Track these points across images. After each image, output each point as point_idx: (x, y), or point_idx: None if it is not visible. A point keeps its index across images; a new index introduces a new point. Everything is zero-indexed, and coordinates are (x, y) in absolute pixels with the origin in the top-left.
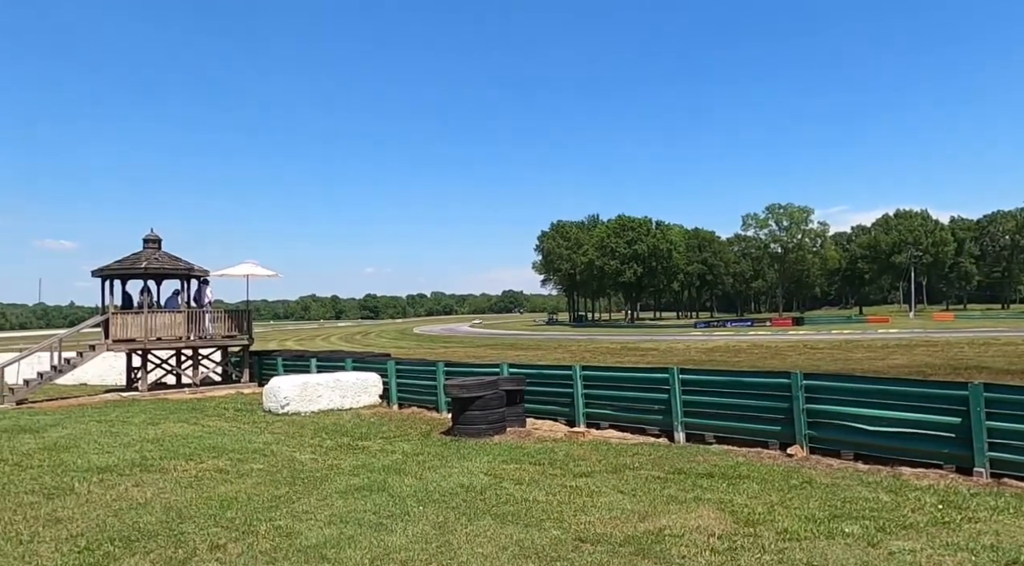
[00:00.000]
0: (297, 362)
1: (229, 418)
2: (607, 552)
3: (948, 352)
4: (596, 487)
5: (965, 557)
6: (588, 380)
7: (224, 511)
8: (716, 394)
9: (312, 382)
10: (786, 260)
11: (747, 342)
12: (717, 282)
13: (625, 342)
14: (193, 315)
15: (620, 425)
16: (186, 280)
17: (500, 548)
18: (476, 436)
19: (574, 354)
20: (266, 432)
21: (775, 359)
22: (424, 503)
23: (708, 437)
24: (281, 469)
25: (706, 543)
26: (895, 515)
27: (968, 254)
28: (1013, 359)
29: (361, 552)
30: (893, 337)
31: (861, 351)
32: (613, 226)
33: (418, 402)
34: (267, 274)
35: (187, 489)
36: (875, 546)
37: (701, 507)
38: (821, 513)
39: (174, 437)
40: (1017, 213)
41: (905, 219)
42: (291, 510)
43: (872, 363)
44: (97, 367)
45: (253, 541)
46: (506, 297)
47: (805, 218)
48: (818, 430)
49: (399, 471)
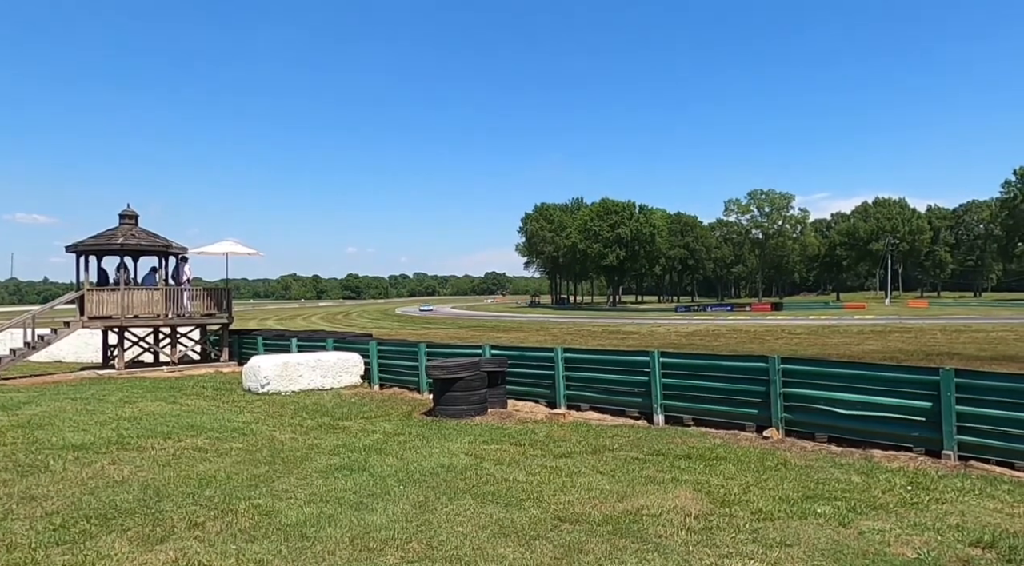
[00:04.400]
0: (278, 341)
1: (208, 397)
2: (585, 531)
3: (921, 338)
4: (576, 468)
5: (932, 537)
6: (569, 362)
7: (203, 490)
8: (695, 377)
9: (293, 362)
10: (767, 246)
11: (727, 326)
12: (698, 267)
13: (607, 325)
14: (171, 293)
15: (600, 407)
16: (164, 257)
17: (480, 527)
18: (457, 417)
19: (556, 336)
20: (246, 411)
21: (754, 343)
22: (405, 483)
23: (687, 419)
24: (261, 448)
25: (682, 523)
26: (866, 496)
27: (943, 243)
28: (983, 346)
29: (341, 531)
30: (868, 323)
31: (837, 336)
32: (597, 209)
33: (399, 383)
34: (247, 252)
35: (165, 467)
36: (846, 526)
37: (678, 488)
38: (795, 494)
39: (152, 415)
40: (991, 203)
41: (883, 207)
42: (271, 489)
43: (848, 348)
44: (72, 344)
45: (232, 519)
46: (489, 279)
47: (786, 204)
48: (794, 413)
49: (380, 451)
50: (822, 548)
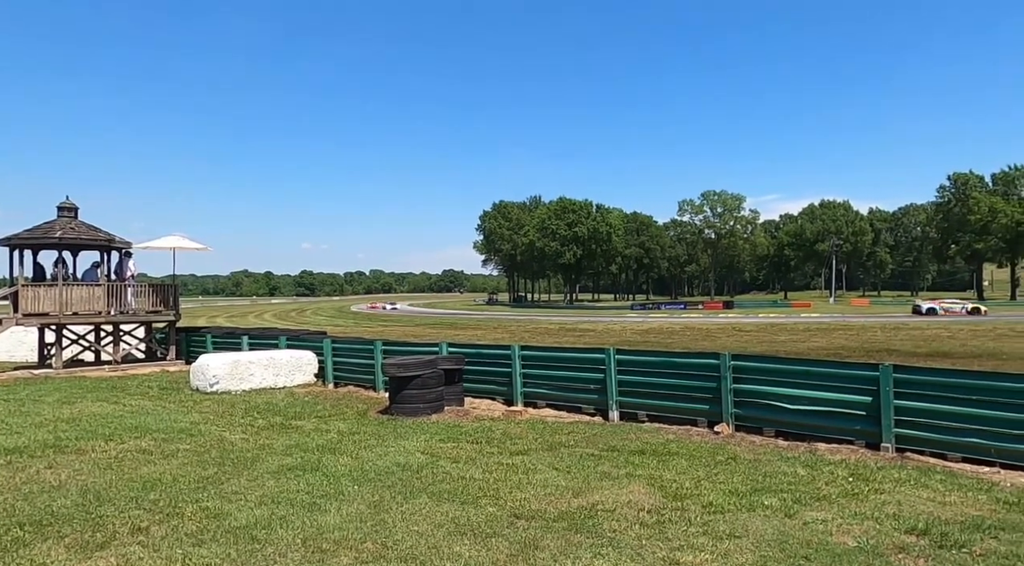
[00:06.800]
0: (228, 339)
1: (153, 397)
2: (541, 528)
3: (863, 335)
4: (532, 465)
5: (871, 526)
6: (526, 360)
7: (147, 493)
8: (649, 374)
9: (244, 360)
10: (719, 246)
11: (680, 324)
12: (653, 266)
13: (564, 323)
14: (113, 289)
15: (557, 404)
16: (106, 252)
17: (436, 526)
18: (414, 415)
19: (513, 334)
20: (193, 411)
21: (706, 341)
22: (359, 482)
23: (641, 415)
24: (209, 449)
25: (636, 517)
26: (810, 488)
27: (884, 244)
28: (919, 342)
29: (293, 532)
30: (814, 321)
31: (785, 334)
32: (554, 208)
33: (355, 381)
34: (195, 247)
35: (106, 471)
36: (791, 517)
37: (632, 483)
38: (744, 487)
39: (92, 416)
40: (927, 207)
41: (829, 209)
42: (220, 491)
43: (795, 345)
44: (4, 342)
45: (178, 523)
46: (447, 276)
47: (737, 205)
48: (744, 409)
49: (334, 450)
50: (769, 539)
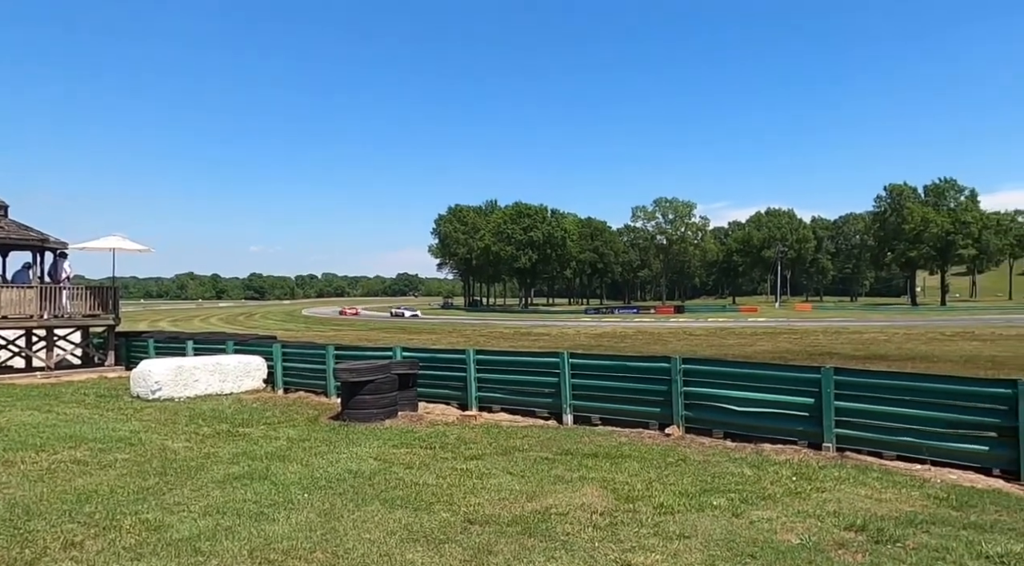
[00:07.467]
0: (171, 344)
1: (90, 405)
2: (495, 532)
3: (806, 339)
4: (486, 469)
5: (813, 523)
6: (481, 364)
7: (81, 506)
8: (603, 378)
9: (188, 365)
10: (670, 251)
11: (633, 328)
12: (607, 270)
13: (519, 327)
14: (47, 291)
15: (512, 408)
16: (39, 252)
17: (388, 533)
18: (366, 421)
19: (468, 338)
20: (134, 419)
21: (658, 344)
22: (309, 490)
23: (594, 419)
24: (150, 459)
25: (589, 520)
26: (756, 487)
27: (825, 251)
28: (859, 346)
29: (239, 543)
30: (761, 325)
31: (733, 338)
32: (510, 212)
33: (306, 386)
34: (136, 249)
35: (37, 483)
36: (739, 516)
37: (585, 486)
38: (693, 488)
39: (22, 426)
40: (866, 216)
41: (775, 217)
42: (161, 502)
43: (742, 349)
44: None
45: (115, 536)
46: (401, 280)
47: (688, 212)
48: (693, 411)
49: (283, 458)
50: (717, 538)
